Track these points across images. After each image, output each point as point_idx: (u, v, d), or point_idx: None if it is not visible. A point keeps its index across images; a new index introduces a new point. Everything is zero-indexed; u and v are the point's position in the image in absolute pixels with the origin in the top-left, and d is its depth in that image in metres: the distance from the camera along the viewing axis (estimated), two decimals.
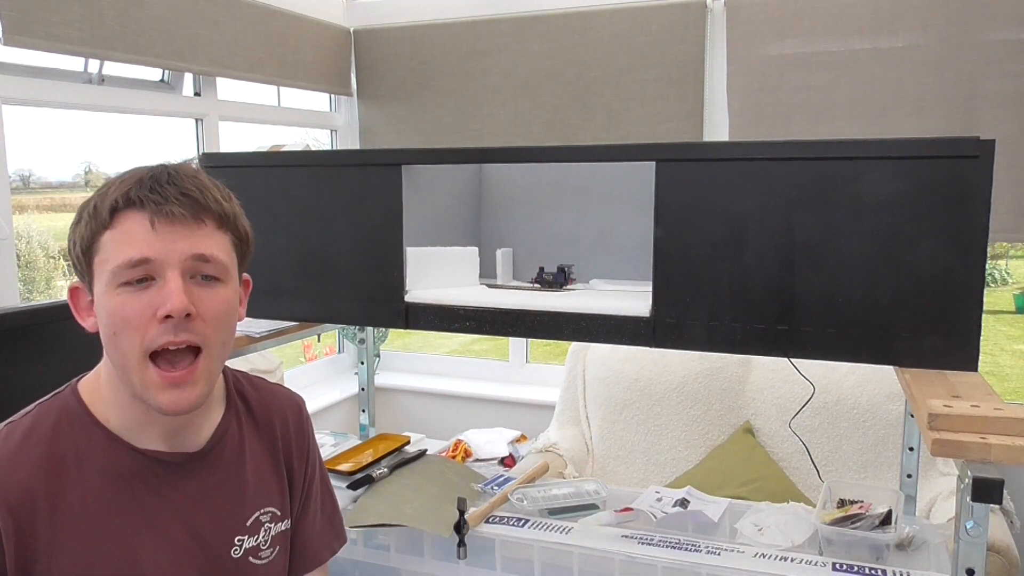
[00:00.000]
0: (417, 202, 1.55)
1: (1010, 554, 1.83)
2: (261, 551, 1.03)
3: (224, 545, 0.99)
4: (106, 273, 0.89)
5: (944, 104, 2.32)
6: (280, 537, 1.06)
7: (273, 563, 1.05)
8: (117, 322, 0.89)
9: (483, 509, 1.53)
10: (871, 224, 1.20)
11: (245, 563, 1.01)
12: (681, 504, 1.58)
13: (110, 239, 0.89)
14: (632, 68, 2.64)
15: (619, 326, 1.37)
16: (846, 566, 1.33)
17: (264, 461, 1.06)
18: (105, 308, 0.89)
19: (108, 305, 0.89)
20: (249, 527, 1.02)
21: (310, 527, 1.15)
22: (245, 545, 1.01)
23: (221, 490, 1.00)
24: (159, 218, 0.89)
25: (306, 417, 1.16)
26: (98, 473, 0.92)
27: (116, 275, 0.88)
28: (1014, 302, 8.32)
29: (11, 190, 1.91)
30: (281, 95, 2.88)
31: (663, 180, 1.30)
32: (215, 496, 0.99)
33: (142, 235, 0.88)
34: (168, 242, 0.89)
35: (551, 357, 5.47)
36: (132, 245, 0.88)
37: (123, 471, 0.93)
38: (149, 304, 0.88)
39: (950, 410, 1.01)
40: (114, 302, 0.88)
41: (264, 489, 1.05)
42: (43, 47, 1.91)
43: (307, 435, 1.14)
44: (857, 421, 2.25)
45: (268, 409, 1.10)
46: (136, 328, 0.88)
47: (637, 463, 2.49)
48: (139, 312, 0.88)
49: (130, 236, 0.88)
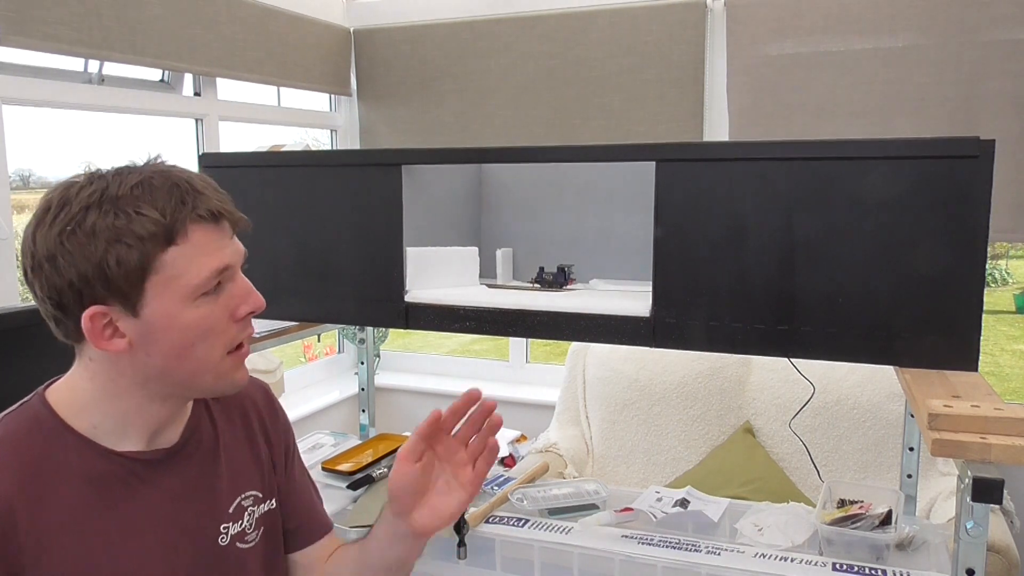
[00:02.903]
0: (417, 202, 1.55)
1: (1010, 554, 1.83)
2: (247, 535, 1.04)
3: (210, 535, 1.00)
4: (180, 289, 0.88)
5: (944, 104, 2.32)
6: (264, 518, 1.07)
7: (259, 545, 1.05)
8: (199, 333, 0.90)
9: (483, 509, 1.53)
10: (871, 224, 1.19)
11: (232, 549, 1.02)
12: (681, 504, 1.58)
13: (180, 255, 0.87)
14: (632, 68, 2.64)
15: (619, 326, 1.37)
16: (846, 566, 1.33)
17: (240, 446, 1.07)
18: (182, 323, 0.89)
19: (188, 319, 0.89)
20: (232, 513, 1.02)
21: (303, 491, 1.17)
22: (231, 531, 1.02)
23: (200, 482, 1.00)
24: (222, 223, 0.91)
25: (272, 396, 1.18)
26: (76, 479, 0.91)
27: (198, 288, 0.89)
28: (1014, 302, 8.32)
29: (11, 189, 1.92)
30: (281, 95, 2.88)
31: (663, 180, 1.30)
32: (195, 488, 0.99)
33: (218, 243, 0.90)
34: (235, 244, 0.94)
35: (551, 357, 5.47)
36: (212, 255, 0.89)
37: (101, 474, 0.92)
38: (225, 307, 0.92)
39: (950, 410, 1.00)
40: (195, 314, 0.89)
41: (243, 473, 1.06)
42: (41, 47, 1.91)
43: (277, 412, 1.16)
44: (857, 421, 2.25)
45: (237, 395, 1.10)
46: (219, 333, 0.91)
47: (637, 463, 2.49)
48: (219, 317, 0.91)
49: (206, 247, 0.89)
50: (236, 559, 1.02)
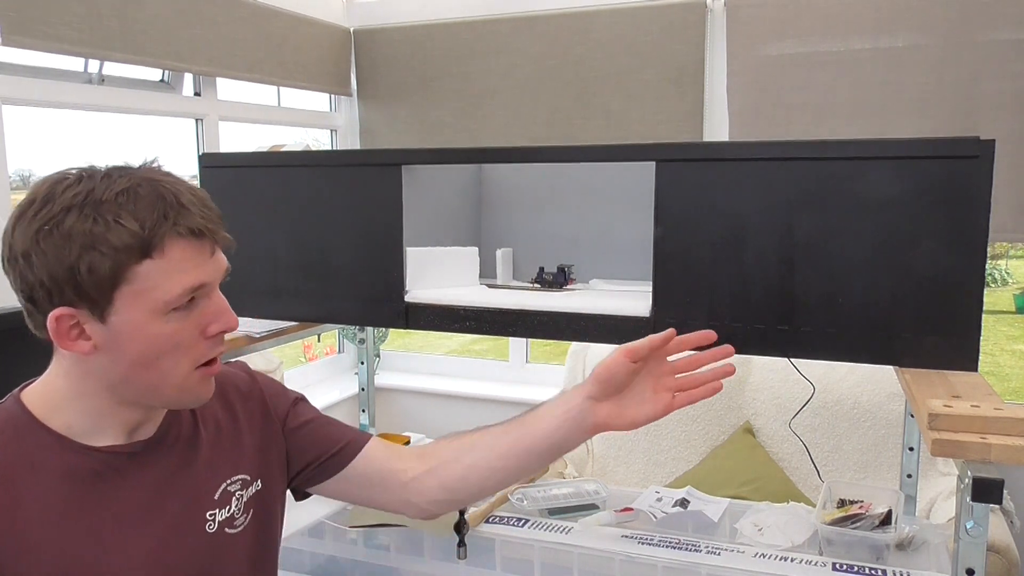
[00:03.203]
0: (417, 202, 1.55)
1: (1010, 554, 1.83)
2: (235, 520, 1.03)
3: (197, 523, 0.99)
4: (150, 302, 0.87)
5: (944, 104, 2.32)
6: (252, 500, 1.06)
7: (248, 528, 1.05)
8: (167, 347, 0.88)
9: (483, 509, 1.53)
10: (871, 224, 1.19)
11: (221, 535, 1.01)
12: (681, 504, 1.58)
13: (155, 268, 0.86)
14: (632, 68, 2.64)
15: (619, 326, 1.37)
16: (846, 566, 1.33)
17: (223, 431, 1.06)
18: (149, 335, 0.88)
19: (155, 332, 0.88)
20: (218, 500, 1.02)
21: (325, 423, 1.15)
22: (218, 518, 1.01)
23: (182, 471, 1.00)
24: (203, 240, 0.89)
25: (254, 374, 1.15)
26: (55, 477, 0.90)
27: (168, 304, 0.87)
28: (1014, 302, 8.32)
29: (11, 189, 1.92)
30: (281, 95, 2.88)
31: (663, 180, 1.30)
32: (177, 478, 0.99)
33: (195, 260, 0.88)
34: (215, 262, 0.91)
35: (551, 357, 5.47)
36: (188, 273, 0.88)
37: (80, 471, 0.92)
38: (196, 324, 0.90)
39: (950, 410, 1.00)
40: (165, 329, 0.88)
41: (228, 459, 1.05)
42: (41, 47, 1.91)
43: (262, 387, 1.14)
44: (857, 421, 2.25)
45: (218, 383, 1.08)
46: (188, 348, 0.90)
47: (637, 463, 2.49)
48: (190, 333, 0.89)
49: (182, 264, 0.87)
50: (225, 545, 1.02)
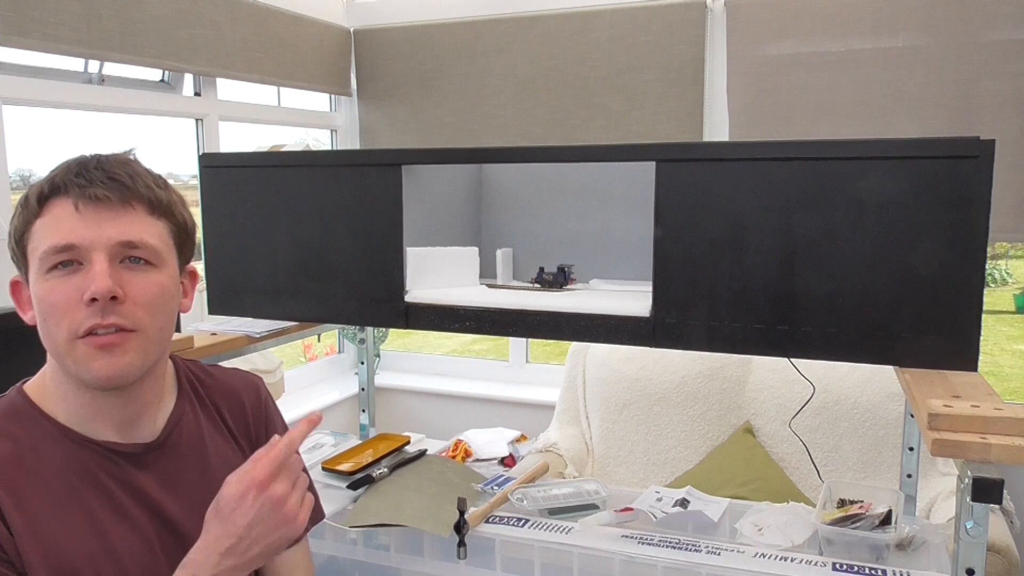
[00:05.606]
0: (417, 202, 1.55)
1: (1010, 554, 1.83)
2: None
3: (194, 530, 0.99)
4: (36, 260, 0.90)
5: (944, 104, 2.32)
6: None
7: None
8: (47, 308, 0.90)
9: (483, 509, 1.53)
10: (871, 224, 1.19)
11: None
12: (681, 504, 1.58)
13: (40, 227, 0.90)
14: (632, 68, 2.64)
15: (619, 326, 1.37)
16: (846, 566, 1.33)
17: (225, 444, 1.07)
18: (36, 295, 0.90)
19: (38, 292, 0.90)
20: None
21: None
22: None
23: (184, 477, 1.00)
24: (83, 202, 0.90)
25: (265, 395, 1.16)
26: (58, 465, 0.92)
27: (44, 261, 0.89)
28: (1014, 302, 8.32)
29: (11, 189, 1.92)
30: (281, 95, 2.88)
31: (663, 180, 1.30)
32: (178, 484, 0.99)
33: (68, 220, 0.90)
34: (94, 226, 0.90)
35: (551, 357, 5.47)
36: (59, 231, 0.89)
37: (83, 462, 0.93)
38: (76, 288, 0.89)
39: (950, 410, 1.00)
40: (43, 288, 0.89)
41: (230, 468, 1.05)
42: (40, 48, 1.91)
43: (268, 411, 1.15)
44: (857, 421, 2.25)
45: (225, 393, 1.10)
46: (64, 312, 0.89)
47: (637, 463, 2.49)
48: (66, 296, 0.89)
49: (58, 223, 0.90)
50: None
